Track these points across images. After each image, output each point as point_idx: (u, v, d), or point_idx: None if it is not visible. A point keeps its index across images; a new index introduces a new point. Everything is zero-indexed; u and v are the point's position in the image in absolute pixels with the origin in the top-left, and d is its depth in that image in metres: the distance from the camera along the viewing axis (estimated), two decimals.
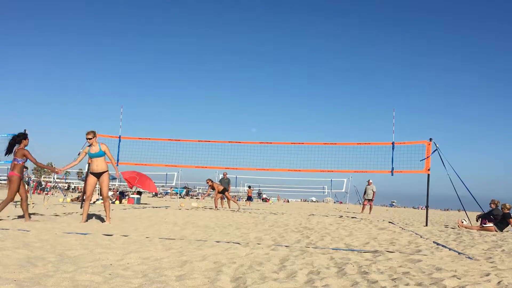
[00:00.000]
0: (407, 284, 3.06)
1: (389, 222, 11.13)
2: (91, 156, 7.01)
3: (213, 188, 15.40)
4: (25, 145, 6.80)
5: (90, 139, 6.98)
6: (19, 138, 6.74)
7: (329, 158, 11.41)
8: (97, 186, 9.54)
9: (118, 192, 19.04)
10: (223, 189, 15.50)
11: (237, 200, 26.03)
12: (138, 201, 17.47)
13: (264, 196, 40.70)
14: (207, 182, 15.40)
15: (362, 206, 18.81)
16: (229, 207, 15.81)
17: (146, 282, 2.92)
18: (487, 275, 3.49)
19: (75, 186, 36.44)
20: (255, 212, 13.76)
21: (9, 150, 6.80)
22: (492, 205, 9.59)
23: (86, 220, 7.09)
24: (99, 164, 6.98)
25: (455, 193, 10.54)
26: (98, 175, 7.03)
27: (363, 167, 11.18)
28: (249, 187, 26.09)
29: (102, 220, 7.60)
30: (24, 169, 7.04)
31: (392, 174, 10.70)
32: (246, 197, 25.65)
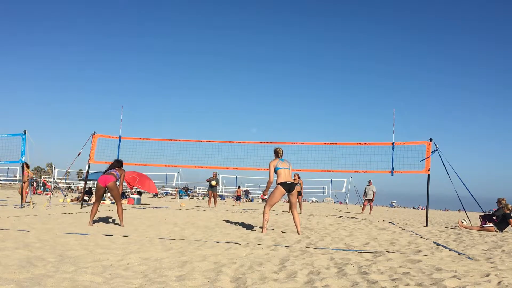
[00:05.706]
0: (407, 285, 3.06)
1: (389, 222, 11.13)
2: (280, 169, 7.07)
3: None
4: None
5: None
6: (119, 164, 7.25)
7: (329, 158, 11.40)
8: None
9: None
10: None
11: (236, 199, 26.02)
12: (138, 201, 17.47)
13: (265, 196, 40.74)
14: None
15: (362, 206, 18.83)
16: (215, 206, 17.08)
17: (146, 282, 2.92)
18: (487, 275, 3.49)
19: (76, 187, 36.42)
20: (255, 212, 13.74)
21: (111, 168, 7.18)
22: (502, 201, 9.46)
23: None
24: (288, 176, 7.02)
25: (455, 193, 10.53)
26: (292, 187, 7.04)
27: (363, 167, 11.18)
28: (239, 187, 26.22)
29: (106, 221, 7.59)
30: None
31: (392, 174, 10.70)
32: (235, 197, 25.75)
